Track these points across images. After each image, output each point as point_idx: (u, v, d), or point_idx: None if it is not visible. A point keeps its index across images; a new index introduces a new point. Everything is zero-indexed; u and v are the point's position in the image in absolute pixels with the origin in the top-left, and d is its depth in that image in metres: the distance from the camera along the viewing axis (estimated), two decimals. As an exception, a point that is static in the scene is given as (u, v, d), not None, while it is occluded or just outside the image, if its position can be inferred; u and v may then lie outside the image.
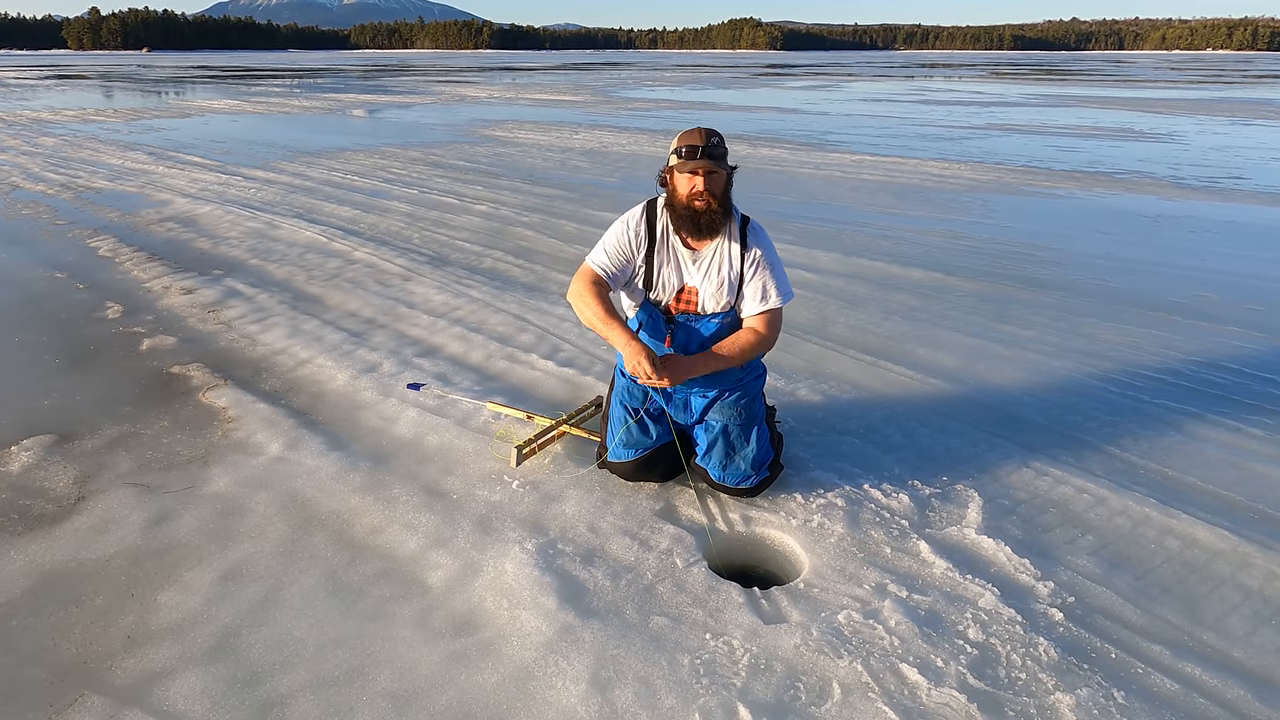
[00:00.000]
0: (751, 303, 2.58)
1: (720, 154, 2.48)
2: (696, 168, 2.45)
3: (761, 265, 2.56)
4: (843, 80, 40.86)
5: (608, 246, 2.61)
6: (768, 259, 2.58)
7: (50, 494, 2.72)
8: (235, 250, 6.11)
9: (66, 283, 5.23)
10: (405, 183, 9.29)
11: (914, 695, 1.89)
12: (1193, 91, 30.25)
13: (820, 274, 5.56)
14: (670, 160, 2.52)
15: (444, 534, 2.51)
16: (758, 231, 2.61)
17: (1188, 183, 9.61)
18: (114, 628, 2.10)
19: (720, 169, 2.48)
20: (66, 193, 8.44)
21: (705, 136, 2.47)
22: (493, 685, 1.92)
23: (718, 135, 2.51)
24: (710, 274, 2.57)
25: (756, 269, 2.56)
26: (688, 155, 2.45)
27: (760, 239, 2.60)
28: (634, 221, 2.60)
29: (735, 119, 18.28)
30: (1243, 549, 2.46)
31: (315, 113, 19.60)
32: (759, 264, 2.56)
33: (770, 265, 2.58)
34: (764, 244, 2.60)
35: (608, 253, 2.60)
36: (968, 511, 2.63)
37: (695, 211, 2.48)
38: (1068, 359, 4.01)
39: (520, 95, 27.08)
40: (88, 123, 16.28)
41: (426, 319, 4.55)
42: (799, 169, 10.61)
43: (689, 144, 2.47)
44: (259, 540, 2.47)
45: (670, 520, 2.58)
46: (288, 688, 1.91)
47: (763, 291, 2.57)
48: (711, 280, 2.57)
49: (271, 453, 3.00)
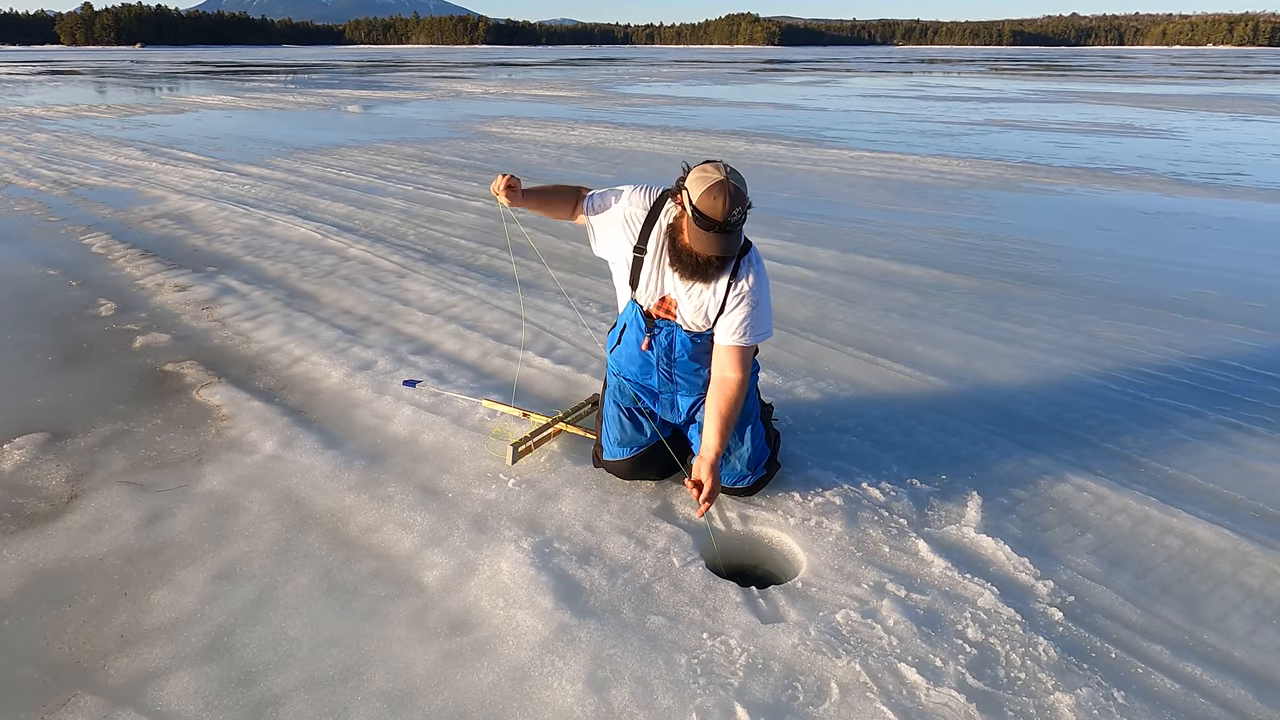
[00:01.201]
0: (725, 333, 2.45)
1: (738, 228, 2.26)
2: (714, 243, 2.25)
3: (745, 300, 2.41)
4: (841, 76, 40.81)
5: (609, 205, 2.53)
6: (754, 294, 2.41)
7: (43, 492, 2.70)
8: (229, 247, 6.08)
9: (59, 280, 5.20)
10: (400, 179, 9.25)
11: (913, 695, 1.88)
12: (1193, 87, 30.24)
13: (818, 271, 5.55)
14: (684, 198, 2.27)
15: (439, 533, 2.49)
16: (753, 262, 2.44)
17: (1188, 179, 9.60)
18: (107, 627, 2.08)
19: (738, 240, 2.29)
20: (59, 189, 8.40)
21: (727, 209, 2.19)
22: (488, 685, 1.91)
23: (741, 201, 2.22)
24: (691, 294, 2.46)
25: (740, 302, 2.42)
26: (703, 226, 2.22)
27: (754, 269, 2.43)
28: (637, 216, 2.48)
29: (732, 115, 18.24)
30: (1244, 548, 2.45)
31: (310, 108, 19.53)
32: (743, 298, 2.41)
33: (755, 304, 2.42)
34: (756, 274, 2.43)
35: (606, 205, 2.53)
36: (967, 510, 2.62)
37: (699, 264, 2.32)
38: (1067, 356, 4.00)
39: (516, 91, 27.01)
40: (80, 119, 16.21)
41: (422, 316, 4.53)
42: (797, 165, 10.59)
43: (709, 213, 2.20)
44: (253, 539, 2.45)
45: (667, 519, 2.56)
46: (282, 688, 1.90)
47: (739, 326, 2.42)
48: (692, 299, 2.47)
49: (265, 451, 2.98)
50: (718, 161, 2.29)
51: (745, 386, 2.48)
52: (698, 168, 2.30)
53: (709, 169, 2.26)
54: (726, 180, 2.22)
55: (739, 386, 2.45)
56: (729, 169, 2.26)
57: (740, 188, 2.24)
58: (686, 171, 2.32)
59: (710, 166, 2.27)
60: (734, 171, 2.27)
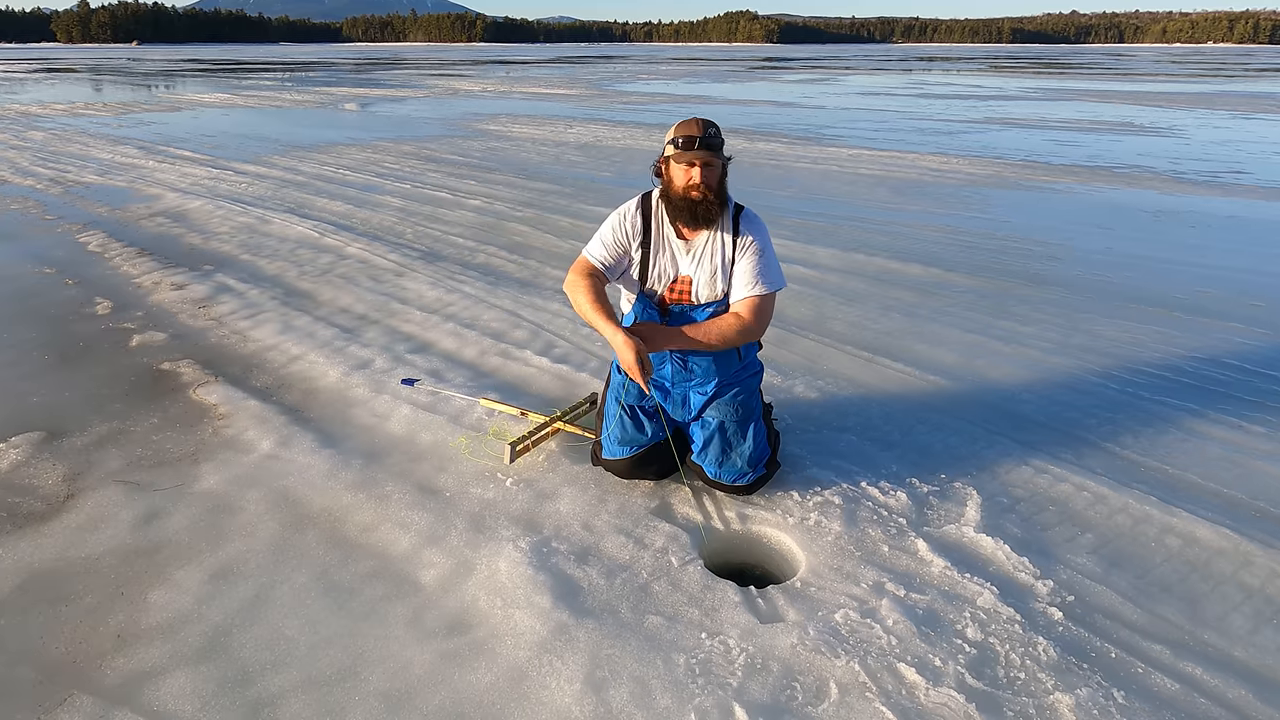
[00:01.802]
0: (739, 288, 2.57)
1: (717, 144, 2.48)
2: (694, 159, 2.44)
3: (752, 251, 2.56)
4: (840, 74, 40.80)
5: (604, 239, 2.62)
6: (759, 245, 2.57)
7: (39, 492, 2.69)
8: (226, 246, 6.06)
9: (55, 278, 5.18)
10: (398, 177, 9.23)
11: (912, 695, 1.87)
12: (1193, 85, 30.23)
13: (817, 269, 5.54)
14: (666, 150, 2.52)
15: (437, 532, 2.48)
16: (751, 219, 2.61)
17: (1188, 177, 9.59)
18: (103, 627, 2.08)
19: (717, 160, 2.48)
20: (55, 187, 8.37)
21: (703, 127, 2.47)
22: (486, 685, 1.90)
23: (714, 126, 2.50)
24: (703, 262, 2.57)
25: (747, 254, 2.56)
26: (684, 146, 2.45)
27: (754, 227, 2.60)
28: (629, 214, 2.61)
29: (731, 112, 18.23)
30: (1244, 547, 2.44)
31: (307, 107, 19.50)
32: (749, 250, 2.56)
33: (761, 252, 2.57)
34: (757, 231, 2.60)
35: (604, 244, 2.62)
36: (966, 509, 2.61)
37: (692, 202, 2.48)
38: (1067, 355, 3.99)
39: (514, 89, 26.98)
40: (77, 116, 16.18)
41: (419, 315, 4.52)
42: (796, 163, 10.58)
43: (685, 134, 2.46)
44: (250, 539, 2.44)
45: (666, 518, 2.55)
46: (279, 687, 1.89)
47: (750, 277, 2.55)
48: (704, 268, 2.57)
49: (263, 450, 2.97)
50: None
51: (748, 333, 2.56)
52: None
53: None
54: (694, 118, 2.52)
55: (741, 325, 2.54)
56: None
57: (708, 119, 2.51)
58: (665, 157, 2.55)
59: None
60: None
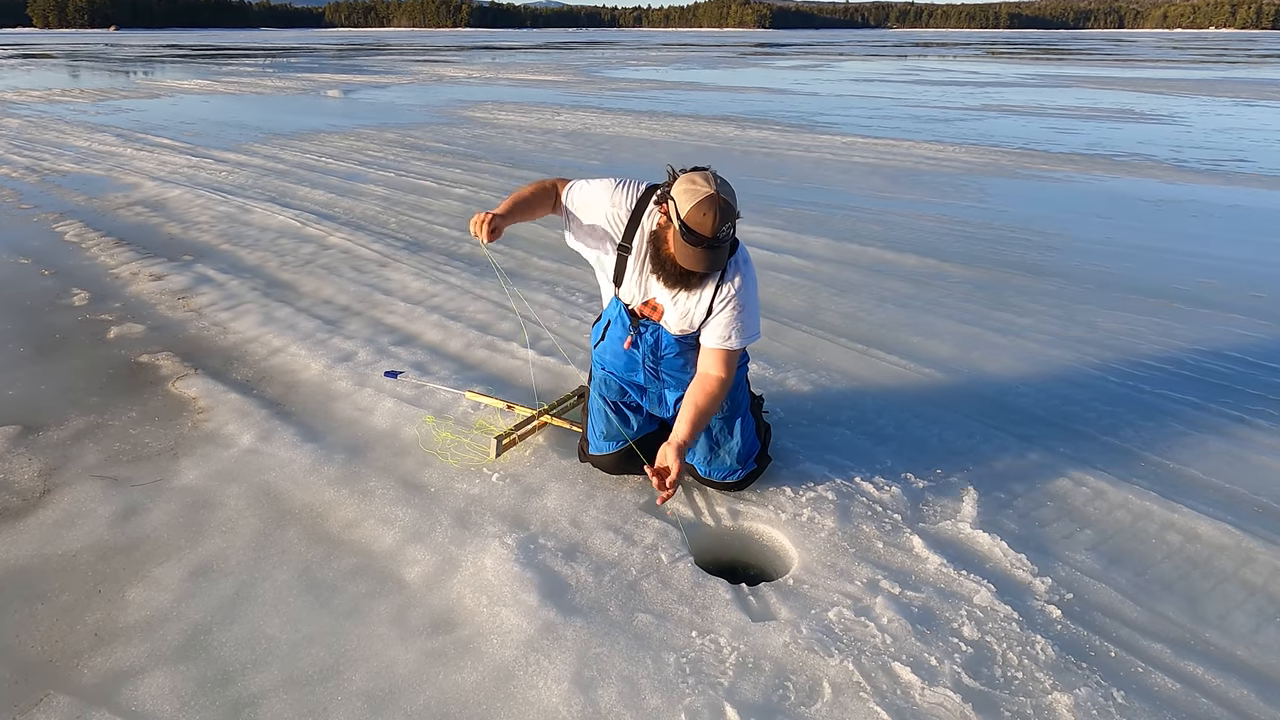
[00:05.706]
0: (711, 337, 2.38)
1: (728, 241, 2.19)
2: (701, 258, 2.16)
3: (732, 304, 2.34)
4: (833, 60, 40.65)
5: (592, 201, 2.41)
6: (740, 301, 2.34)
7: (14, 487, 2.64)
8: (206, 235, 5.97)
9: (31, 269, 5.09)
10: (381, 165, 9.12)
11: (907, 695, 1.85)
12: (1195, 71, 30.18)
13: (810, 260, 5.49)
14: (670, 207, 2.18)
15: (421, 528, 2.44)
16: (740, 263, 2.35)
17: (1190, 166, 9.55)
18: (81, 625, 2.04)
19: (725, 255, 2.21)
20: (31, 176, 8.24)
21: (716, 224, 2.10)
22: (472, 684, 1.87)
23: (730, 219, 2.13)
24: (678, 302, 2.40)
25: (726, 306, 2.35)
26: (691, 242, 2.13)
27: (740, 270, 2.35)
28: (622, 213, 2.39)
29: (722, 99, 18.13)
30: (1246, 544, 2.42)
31: (288, 93, 19.26)
32: (729, 302, 2.34)
33: (742, 307, 2.35)
34: (743, 276, 2.35)
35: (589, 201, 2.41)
36: (962, 505, 2.58)
37: (683, 275, 2.25)
38: (1066, 347, 3.96)
39: (500, 75, 26.74)
40: (53, 103, 15.92)
41: (403, 306, 4.45)
42: (788, 151, 10.52)
43: (698, 229, 2.11)
44: (230, 535, 2.40)
45: (655, 514, 2.51)
46: (260, 687, 1.86)
47: (726, 330, 2.36)
48: (677, 308, 2.41)
49: (243, 444, 2.92)
50: (706, 170, 2.21)
51: (728, 385, 2.43)
52: (685, 177, 2.19)
53: (698, 180, 2.15)
54: (716, 194, 2.11)
55: (721, 385, 2.40)
56: (719, 180, 2.16)
57: (730, 201, 2.14)
58: (673, 177, 2.23)
59: (699, 177, 2.16)
60: (724, 183, 2.17)
